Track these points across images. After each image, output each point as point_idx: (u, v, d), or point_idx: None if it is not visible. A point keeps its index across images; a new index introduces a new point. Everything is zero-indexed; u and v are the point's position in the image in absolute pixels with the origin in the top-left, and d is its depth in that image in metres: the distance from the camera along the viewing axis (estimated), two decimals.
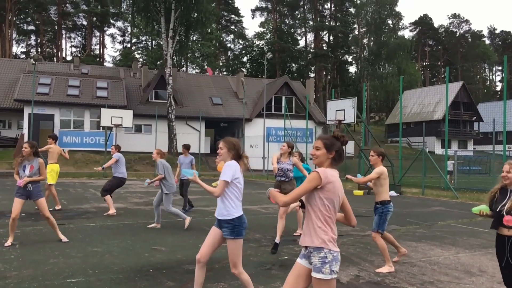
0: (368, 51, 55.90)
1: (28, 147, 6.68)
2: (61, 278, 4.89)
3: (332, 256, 2.75)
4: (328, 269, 2.72)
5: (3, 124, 34.79)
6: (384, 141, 51.74)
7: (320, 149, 2.90)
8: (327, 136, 2.95)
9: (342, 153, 2.92)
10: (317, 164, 2.92)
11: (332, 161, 2.90)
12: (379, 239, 5.63)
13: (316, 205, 2.82)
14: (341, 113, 18.02)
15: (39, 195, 6.70)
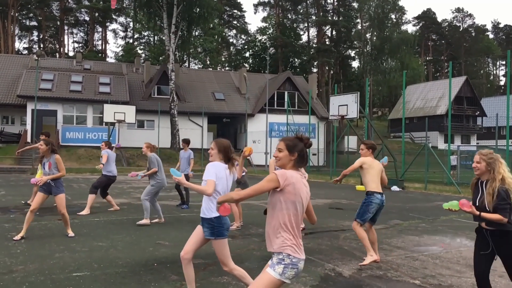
0: (371, 46, 55.70)
1: (44, 145, 6.78)
2: (67, 272, 4.96)
3: (289, 261, 2.68)
4: (280, 269, 2.66)
5: (6, 120, 34.90)
6: (387, 136, 51.68)
7: (282, 151, 2.87)
8: (290, 138, 2.92)
9: (305, 155, 2.88)
10: (280, 166, 2.88)
11: (295, 162, 2.85)
12: (357, 228, 5.62)
13: (276, 208, 2.76)
14: (344, 109, 18.02)
15: (59, 190, 6.77)
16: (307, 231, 7.92)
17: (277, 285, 2.67)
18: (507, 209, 3.47)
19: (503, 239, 3.55)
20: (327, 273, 5.18)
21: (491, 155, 3.65)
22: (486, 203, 3.56)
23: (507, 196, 3.48)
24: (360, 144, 6.07)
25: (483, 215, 3.49)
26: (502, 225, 3.51)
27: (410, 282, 4.90)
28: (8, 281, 4.59)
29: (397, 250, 6.53)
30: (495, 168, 3.58)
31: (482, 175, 3.68)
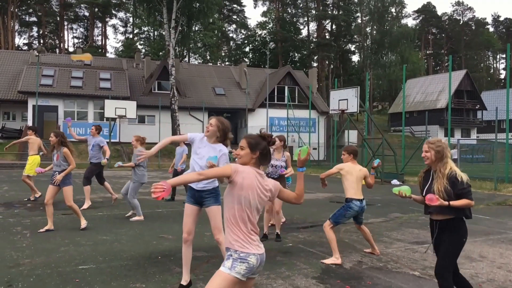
0: (371, 40, 55.61)
1: (54, 136, 6.87)
2: (73, 265, 5.05)
3: (237, 255, 2.60)
4: (229, 264, 2.60)
5: (8, 116, 34.96)
6: (387, 130, 51.72)
7: (244, 148, 2.80)
8: (253, 136, 2.85)
9: (268, 154, 2.83)
10: (241, 164, 2.80)
11: (257, 161, 2.79)
12: (327, 228, 5.48)
13: (227, 202, 2.73)
14: (344, 103, 18.08)
15: (66, 183, 6.88)
16: (308, 224, 8.01)
17: (230, 280, 2.56)
18: (471, 192, 3.46)
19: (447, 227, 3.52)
20: (328, 265, 5.27)
21: (439, 143, 3.59)
22: (438, 191, 3.47)
23: (461, 179, 3.45)
24: (361, 139, 6.12)
25: (453, 203, 3.42)
26: (462, 213, 3.48)
27: (409, 273, 5.00)
28: (15, 274, 4.69)
29: (397, 242, 6.62)
30: (444, 155, 3.53)
31: (432, 164, 3.61)
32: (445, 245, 3.51)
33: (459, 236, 3.51)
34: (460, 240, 3.52)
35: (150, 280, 4.57)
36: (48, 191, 6.87)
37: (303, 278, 4.74)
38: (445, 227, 3.54)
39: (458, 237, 3.51)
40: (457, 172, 3.48)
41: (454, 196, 3.45)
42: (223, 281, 2.56)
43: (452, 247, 3.49)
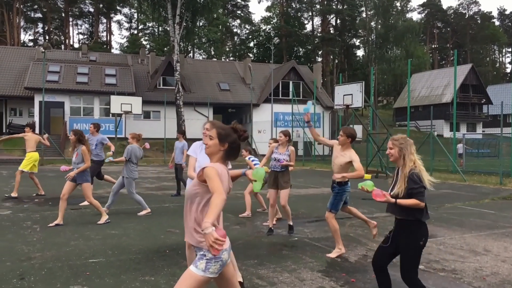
0: (376, 34, 55.39)
1: (73, 135, 7.09)
2: (83, 259, 5.16)
3: (210, 255, 2.48)
4: (203, 265, 2.49)
5: (14, 112, 35.18)
6: (392, 125, 51.60)
7: (212, 138, 2.66)
8: (224, 126, 2.71)
9: (237, 148, 2.69)
10: (208, 154, 2.69)
11: (224, 154, 2.66)
12: (330, 220, 5.43)
13: (198, 202, 2.62)
14: (349, 98, 18.08)
15: (83, 179, 7.07)
16: (313, 218, 8.08)
17: (203, 281, 2.48)
18: (423, 193, 3.38)
19: (402, 229, 3.44)
20: (334, 259, 5.34)
21: (403, 140, 3.53)
22: (398, 189, 3.42)
23: (420, 179, 3.39)
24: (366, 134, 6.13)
25: (399, 201, 3.35)
26: (412, 214, 3.38)
27: None
28: (27, 267, 4.79)
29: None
30: (407, 153, 3.48)
31: (396, 161, 3.55)
32: (402, 250, 3.44)
33: (415, 239, 3.37)
34: (415, 243, 3.37)
35: (159, 273, 4.67)
36: (65, 186, 7.06)
37: (309, 272, 4.82)
38: (401, 228, 3.46)
39: (413, 240, 3.37)
40: (416, 171, 3.40)
41: (406, 195, 3.37)
42: (195, 282, 2.46)
43: (409, 251, 3.40)
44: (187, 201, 2.68)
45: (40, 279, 4.40)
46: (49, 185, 13.15)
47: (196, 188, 2.62)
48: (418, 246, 3.39)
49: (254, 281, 4.39)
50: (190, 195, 2.65)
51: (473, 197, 11.60)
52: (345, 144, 5.38)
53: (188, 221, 2.67)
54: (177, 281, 4.20)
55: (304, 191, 12.79)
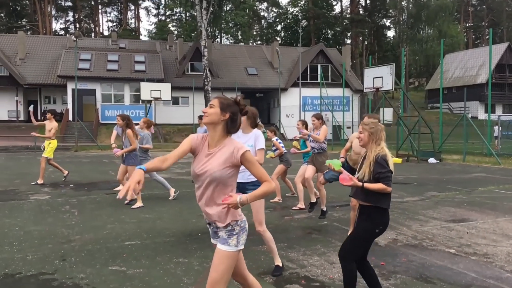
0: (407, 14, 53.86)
1: (120, 120, 7.49)
2: (120, 241, 5.37)
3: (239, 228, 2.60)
4: (235, 241, 2.57)
5: (48, 99, 36.28)
6: (424, 107, 50.43)
7: (213, 107, 2.58)
8: (226, 97, 2.65)
9: (237, 120, 2.61)
10: (207, 123, 2.60)
11: (225, 124, 2.58)
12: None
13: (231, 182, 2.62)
14: (379, 81, 17.77)
15: (130, 162, 7.58)
16: (343, 203, 8.09)
17: (236, 256, 2.58)
18: (390, 177, 3.33)
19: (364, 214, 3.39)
20: None
21: (374, 124, 3.48)
22: (363, 172, 3.40)
23: (386, 163, 3.34)
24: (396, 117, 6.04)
25: (366, 185, 3.31)
26: (376, 200, 3.32)
27: (445, 251, 5.04)
28: (68, 249, 5.04)
29: (433, 220, 6.63)
30: (376, 138, 3.43)
31: (365, 146, 3.51)
32: (356, 230, 3.41)
33: (372, 225, 3.32)
34: (371, 229, 3.33)
35: (192, 255, 4.82)
36: (119, 170, 7.80)
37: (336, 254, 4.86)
38: (362, 213, 3.42)
39: (370, 226, 3.33)
40: (383, 156, 3.35)
41: (373, 179, 3.33)
42: (232, 259, 2.53)
43: (362, 234, 3.35)
44: (212, 183, 2.55)
45: (81, 260, 4.62)
46: (83, 170, 13.62)
47: (231, 171, 2.55)
48: (373, 232, 3.35)
49: (285, 264, 4.48)
50: (222, 179, 2.54)
51: (508, 181, 11.32)
52: None
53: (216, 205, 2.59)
54: (209, 263, 4.37)
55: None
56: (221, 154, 2.55)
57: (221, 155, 2.54)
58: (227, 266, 2.52)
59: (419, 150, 18.29)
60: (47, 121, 10.72)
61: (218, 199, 2.55)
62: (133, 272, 4.26)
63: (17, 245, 5.18)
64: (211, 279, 2.52)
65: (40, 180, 10.46)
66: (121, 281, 4.02)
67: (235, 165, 2.55)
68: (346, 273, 3.36)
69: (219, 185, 2.55)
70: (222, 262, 2.52)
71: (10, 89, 33.67)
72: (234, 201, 2.46)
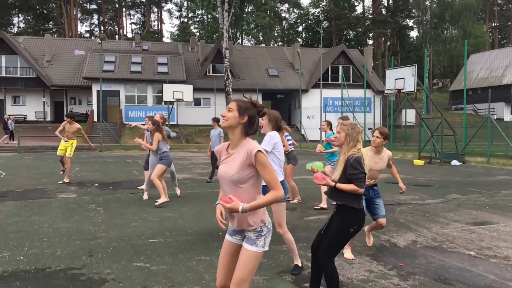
0: (431, 14, 53.01)
1: (150, 124, 7.91)
2: (144, 239, 5.55)
3: (267, 229, 2.67)
4: (262, 242, 2.63)
5: (74, 100, 37.17)
6: (448, 108, 49.62)
7: (232, 111, 2.60)
8: (244, 100, 2.67)
9: (255, 122, 2.64)
10: (227, 127, 2.63)
11: (244, 127, 2.61)
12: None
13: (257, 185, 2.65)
14: (400, 82, 17.64)
15: (161, 162, 7.87)
16: None
17: (260, 257, 2.65)
18: (362, 178, 3.39)
19: (338, 214, 3.48)
20: (382, 243, 5.41)
21: (351, 126, 3.54)
22: (339, 173, 3.49)
23: (360, 164, 3.40)
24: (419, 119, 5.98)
25: (339, 185, 3.42)
26: (348, 200, 3.41)
27: (465, 253, 5.03)
28: (94, 246, 5.24)
29: (453, 223, 6.61)
30: (352, 139, 3.49)
31: (341, 146, 3.59)
32: (331, 232, 3.47)
33: (345, 225, 3.41)
34: (346, 229, 3.41)
35: (213, 253, 4.95)
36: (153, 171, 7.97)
37: (357, 255, 4.93)
38: (337, 213, 3.50)
39: (344, 225, 3.41)
40: (357, 158, 3.42)
41: (346, 180, 3.42)
42: (257, 260, 2.61)
43: (336, 235, 3.42)
44: (229, 186, 2.62)
45: (107, 256, 4.81)
46: (108, 170, 13.96)
47: (250, 172, 2.57)
48: (347, 232, 3.43)
49: (304, 263, 4.56)
50: (241, 180, 2.57)
51: None
52: (380, 146, 4.88)
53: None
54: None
55: None
56: (238, 155, 2.59)
57: (238, 156, 2.58)
58: (253, 265, 2.60)
59: (441, 152, 18.07)
60: (67, 124, 10.97)
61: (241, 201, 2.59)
62: (156, 269, 4.42)
63: (46, 241, 5.41)
64: (237, 278, 2.59)
65: (66, 179, 10.78)
66: (145, 277, 4.17)
67: (252, 165, 2.55)
68: (329, 273, 3.39)
69: (238, 187, 2.59)
70: (249, 261, 2.59)
71: (38, 90, 34.65)
72: (235, 207, 2.47)
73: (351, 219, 3.43)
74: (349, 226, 3.42)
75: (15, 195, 8.93)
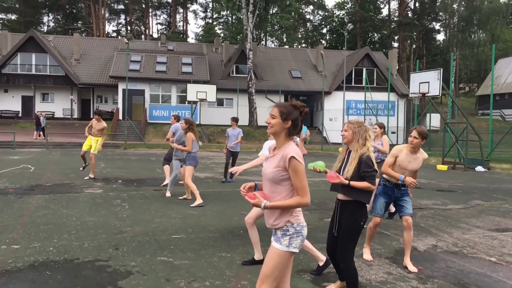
0: (458, 17, 52.13)
1: (184, 123, 8.04)
2: (167, 234, 5.71)
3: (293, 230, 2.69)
4: (286, 242, 2.66)
5: (100, 99, 37.96)
6: (474, 113, 48.64)
7: (275, 117, 2.70)
8: (285, 104, 2.75)
9: (299, 124, 2.73)
10: (272, 133, 2.74)
11: (288, 131, 2.71)
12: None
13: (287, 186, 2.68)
14: (425, 86, 17.44)
15: (188, 163, 7.96)
16: None
17: (288, 257, 2.67)
18: (375, 176, 3.55)
19: (345, 210, 3.61)
20: (401, 246, 5.41)
21: (358, 124, 3.66)
22: (347, 170, 3.61)
23: (372, 163, 3.55)
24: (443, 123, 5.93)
25: (353, 183, 3.53)
26: (359, 196, 3.55)
27: (485, 259, 5.02)
28: (120, 239, 5.43)
29: (475, 229, 6.56)
30: (360, 137, 3.61)
31: (349, 144, 3.71)
32: (344, 230, 3.57)
33: (356, 220, 3.54)
34: (356, 223, 3.54)
35: (234, 250, 5.07)
36: (183, 171, 8.20)
37: (376, 258, 4.97)
38: (345, 208, 3.62)
39: (355, 220, 3.54)
40: (368, 156, 3.56)
41: (358, 178, 3.55)
42: (282, 258, 2.65)
43: (350, 230, 3.54)
44: (266, 182, 2.73)
45: (132, 250, 4.98)
46: (132, 167, 14.26)
47: (284, 174, 2.65)
48: (359, 226, 3.56)
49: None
50: (275, 179, 2.67)
51: None
52: (418, 147, 4.73)
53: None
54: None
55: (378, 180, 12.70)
56: (278, 156, 2.69)
57: (277, 157, 2.69)
58: (277, 263, 2.65)
59: (466, 158, 17.79)
60: (95, 121, 11.27)
61: (272, 199, 2.67)
62: (179, 263, 4.56)
63: (74, 234, 5.63)
64: (261, 273, 2.70)
65: (91, 174, 11.09)
66: (168, 271, 4.32)
67: (286, 169, 2.63)
68: (350, 273, 3.50)
69: (273, 185, 2.68)
70: (273, 258, 2.67)
71: (66, 88, 35.54)
72: (258, 203, 2.62)
73: (361, 213, 3.59)
74: (360, 220, 3.57)
75: (44, 189, 9.25)
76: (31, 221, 6.27)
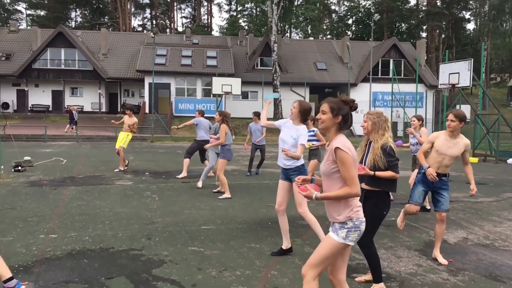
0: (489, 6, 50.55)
1: (218, 115, 8.10)
2: (197, 225, 5.83)
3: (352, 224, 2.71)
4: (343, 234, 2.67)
5: (127, 92, 38.58)
6: (506, 104, 47.22)
7: (326, 113, 2.76)
8: (334, 100, 2.81)
9: (349, 118, 2.79)
10: (323, 129, 2.80)
11: (339, 126, 2.76)
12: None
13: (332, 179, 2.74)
14: (455, 77, 17.07)
15: (223, 156, 7.99)
16: None
17: (341, 247, 2.69)
18: (397, 165, 3.67)
19: (370, 199, 3.68)
20: (431, 239, 5.39)
21: (378, 115, 3.74)
22: (371, 162, 3.69)
23: (394, 152, 3.67)
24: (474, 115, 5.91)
25: (378, 173, 3.61)
26: (385, 186, 3.63)
27: None
28: (152, 230, 5.58)
29: (507, 222, 6.45)
30: (380, 128, 3.69)
31: (369, 135, 3.80)
32: (368, 217, 3.43)
33: (379, 209, 3.65)
34: (380, 212, 3.65)
35: (263, 241, 5.15)
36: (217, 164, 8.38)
37: (406, 250, 4.96)
38: (369, 197, 3.70)
39: (378, 209, 3.65)
40: (390, 146, 3.65)
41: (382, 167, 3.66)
42: (334, 248, 2.67)
43: (372, 218, 3.58)
44: (323, 177, 2.81)
45: (164, 240, 5.12)
46: (160, 160, 14.51)
47: (334, 166, 2.70)
48: (382, 215, 3.68)
49: (351, 255, 4.66)
50: (327, 173, 2.75)
51: None
52: (456, 130, 4.54)
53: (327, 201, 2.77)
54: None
55: (403, 173, 12.56)
56: (328, 150, 2.77)
57: (327, 151, 2.78)
58: (328, 253, 2.68)
59: (497, 150, 17.37)
60: (127, 116, 11.51)
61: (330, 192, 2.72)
62: (210, 253, 4.67)
63: (108, 224, 5.81)
64: (310, 260, 2.74)
65: (121, 167, 11.34)
66: (199, 260, 4.43)
67: (335, 161, 2.69)
68: (372, 256, 3.64)
69: (328, 179, 2.76)
70: (325, 247, 2.70)
71: (94, 82, 36.26)
72: (309, 195, 2.71)
73: (385, 203, 3.71)
74: (383, 209, 3.69)
75: (77, 181, 9.54)
76: (66, 211, 6.50)
